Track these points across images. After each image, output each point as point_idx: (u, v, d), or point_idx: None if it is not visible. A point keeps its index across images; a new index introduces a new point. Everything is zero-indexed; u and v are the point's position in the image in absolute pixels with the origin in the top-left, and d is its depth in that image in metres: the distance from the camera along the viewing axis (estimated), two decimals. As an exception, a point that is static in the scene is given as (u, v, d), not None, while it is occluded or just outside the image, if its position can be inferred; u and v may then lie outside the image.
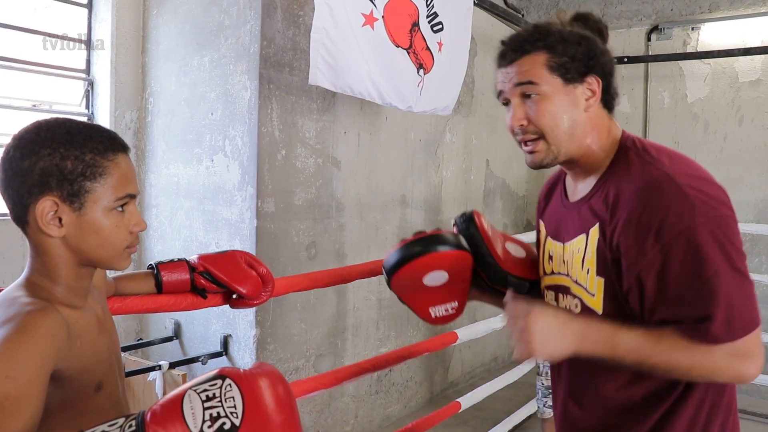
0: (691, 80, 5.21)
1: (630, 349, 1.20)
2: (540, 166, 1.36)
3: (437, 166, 4.58)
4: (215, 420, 0.77)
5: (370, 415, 4.03)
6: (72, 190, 1.04)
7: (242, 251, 1.61)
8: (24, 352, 0.90)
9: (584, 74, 1.30)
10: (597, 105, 1.33)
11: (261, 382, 0.84)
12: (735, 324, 1.16)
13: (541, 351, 1.21)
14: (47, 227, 1.04)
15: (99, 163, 1.06)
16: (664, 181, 1.21)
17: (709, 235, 1.16)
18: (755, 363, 1.19)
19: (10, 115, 3.21)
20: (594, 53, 1.31)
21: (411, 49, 3.09)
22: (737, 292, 1.17)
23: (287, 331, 3.38)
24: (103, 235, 1.08)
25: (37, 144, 1.03)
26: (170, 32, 3.52)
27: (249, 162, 3.18)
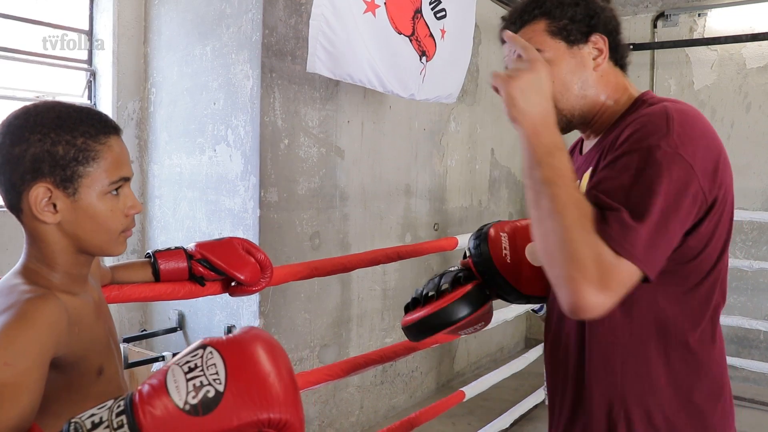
0: (697, 67, 5.16)
1: (555, 166, 1.12)
2: None
3: (442, 156, 4.55)
4: (199, 389, 0.76)
5: (375, 405, 4.03)
6: (65, 176, 1.03)
7: (240, 238, 1.60)
8: (23, 340, 0.90)
9: (588, 34, 1.29)
10: (607, 63, 1.31)
11: (243, 345, 0.82)
12: (637, 243, 1.06)
13: (514, 94, 1.15)
14: (42, 214, 1.03)
15: (91, 147, 1.05)
16: (656, 109, 1.17)
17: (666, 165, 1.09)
18: (605, 294, 1.04)
19: (14, 106, 3.20)
20: (594, 11, 1.30)
21: (413, 36, 3.06)
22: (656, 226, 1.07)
23: (291, 321, 3.37)
24: (98, 219, 1.06)
25: (27, 130, 1.02)
26: (172, 22, 3.50)
27: (252, 152, 3.17)
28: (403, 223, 4.16)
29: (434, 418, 2.75)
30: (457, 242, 2.76)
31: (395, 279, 4.11)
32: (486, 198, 5.14)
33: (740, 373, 4.93)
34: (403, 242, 4.13)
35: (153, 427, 0.74)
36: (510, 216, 5.50)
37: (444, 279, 1.42)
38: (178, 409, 0.75)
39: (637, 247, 1.06)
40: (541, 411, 4.12)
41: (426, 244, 2.74)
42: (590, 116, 1.33)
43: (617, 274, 1.05)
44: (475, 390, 3.19)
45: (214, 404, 0.76)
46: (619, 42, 1.33)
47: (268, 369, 0.81)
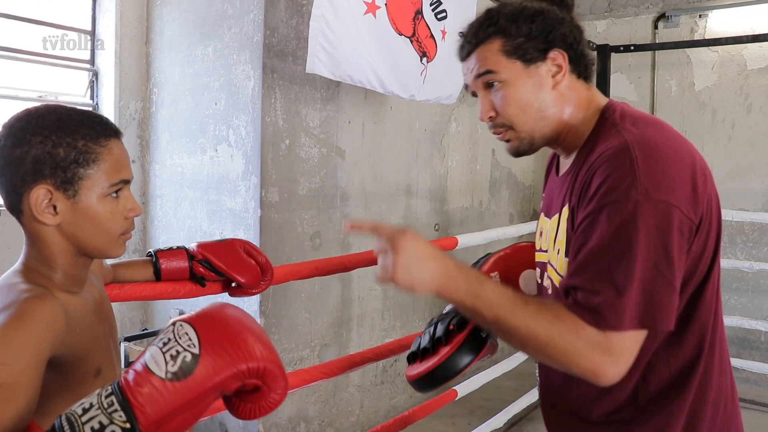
0: (698, 68, 5.17)
1: (491, 303, 1.11)
2: (518, 154, 1.32)
3: (442, 156, 4.56)
4: (176, 357, 0.79)
5: (375, 405, 4.04)
6: (65, 178, 1.04)
7: (241, 240, 1.61)
8: (20, 339, 0.90)
9: (545, 50, 1.24)
10: (568, 78, 1.26)
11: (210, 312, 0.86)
12: (626, 312, 1.05)
13: (402, 277, 1.13)
14: (42, 215, 1.04)
15: (91, 149, 1.06)
16: (617, 148, 1.12)
17: (636, 215, 1.06)
18: (617, 365, 1.07)
19: (17, 106, 3.22)
20: (551, 26, 1.24)
21: (414, 37, 3.07)
22: (643, 280, 1.06)
23: (292, 321, 3.38)
24: (98, 221, 1.07)
25: (28, 132, 1.03)
26: (174, 22, 3.52)
27: (253, 152, 3.18)
28: (403, 223, 4.17)
29: (429, 415, 2.75)
30: (457, 242, 2.77)
31: (396, 279, 4.12)
32: (487, 198, 5.15)
33: (741, 374, 4.93)
34: (403, 242, 4.13)
35: (142, 401, 0.77)
36: (510, 217, 5.51)
37: (438, 329, 1.38)
38: (161, 380, 0.78)
39: (630, 315, 1.05)
40: (539, 411, 4.13)
41: (426, 243, 2.74)
42: (554, 136, 1.29)
43: (622, 347, 1.06)
44: (467, 389, 3.20)
45: (194, 366, 0.79)
46: (582, 53, 1.28)
47: (239, 327, 0.84)
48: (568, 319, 1.08)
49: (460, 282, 1.13)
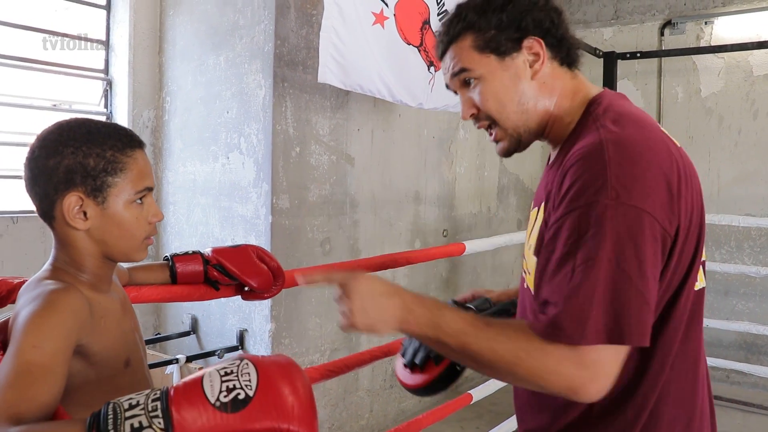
0: (704, 75, 5.20)
1: (453, 331, 1.06)
2: (508, 153, 1.27)
3: (451, 163, 4.61)
4: (231, 391, 0.83)
5: (384, 409, 4.08)
6: (95, 185, 1.12)
7: (254, 245, 1.67)
8: (49, 325, 0.99)
9: (519, 40, 1.17)
10: (549, 66, 1.19)
11: (276, 364, 0.89)
12: (588, 325, 0.97)
13: (361, 320, 1.11)
14: (74, 221, 1.12)
15: (119, 159, 1.14)
16: (592, 148, 1.06)
17: (606, 221, 0.99)
18: (597, 380, 0.99)
19: (32, 114, 3.29)
20: (523, 13, 1.16)
21: (422, 46, 3.12)
22: (612, 290, 0.98)
23: (302, 325, 3.43)
24: (124, 226, 1.16)
25: (61, 144, 1.11)
26: (186, 32, 3.59)
27: (264, 159, 3.24)
28: (412, 229, 4.22)
29: (442, 420, 2.80)
30: (464, 248, 2.82)
31: (404, 284, 4.15)
32: (495, 204, 5.19)
33: (749, 380, 4.94)
34: (412, 248, 4.18)
35: (185, 416, 0.81)
36: (518, 222, 5.54)
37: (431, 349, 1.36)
38: (209, 404, 0.82)
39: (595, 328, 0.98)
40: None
41: (434, 249, 2.80)
42: (540, 129, 1.23)
43: (596, 361, 0.99)
44: (482, 393, 3.23)
45: (242, 406, 0.82)
46: (562, 37, 1.20)
47: (295, 388, 0.87)
48: (533, 336, 1.02)
49: (419, 314, 1.09)
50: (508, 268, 5.45)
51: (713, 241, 5.14)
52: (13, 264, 2.93)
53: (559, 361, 0.99)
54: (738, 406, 4.57)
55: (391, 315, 1.10)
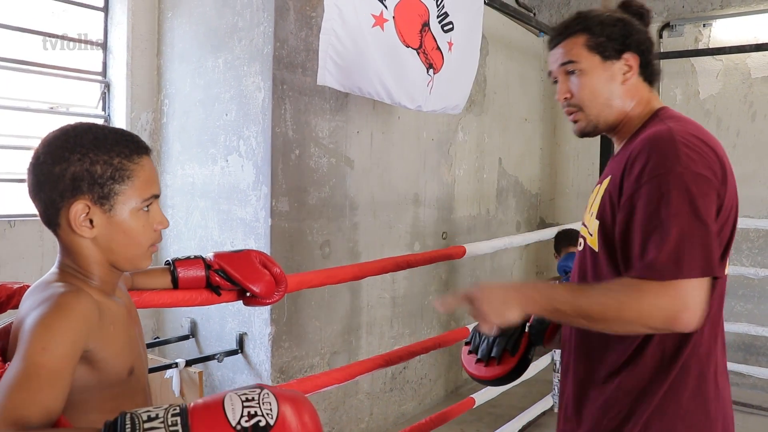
0: (703, 77, 5.21)
1: (565, 301, 1.31)
2: (583, 134, 1.54)
3: (450, 165, 4.61)
4: (252, 417, 0.85)
5: (384, 412, 4.07)
6: (102, 193, 1.11)
7: (257, 251, 1.66)
8: (58, 328, 0.98)
9: (621, 51, 1.47)
10: (636, 78, 1.49)
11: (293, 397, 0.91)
12: (682, 262, 1.22)
13: (496, 319, 1.34)
14: (80, 228, 1.11)
15: (126, 166, 1.13)
16: (662, 133, 1.34)
17: (682, 184, 1.25)
18: (690, 311, 1.22)
19: (29, 117, 3.28)
20: (630, 33, 1.48)
21: (421, 49, 3.11)
22: (693, 235, 1.23)
23: (302, 328, 3.42)
24: (131, 234, 1.15)
25: (67, 150, 1.10)
26: (185, 34, 3.57)
27: (263, 162, 3.23)
28: (411, 231, 4.21)
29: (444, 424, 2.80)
30: (465, 250, 2.81)
31: (404, 287, 4.16)
32: (494, 207, 5.18)
33: (747, 380, 4.94)
34: (411, 251, 4.18)
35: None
36: (518, 225, 5.54)
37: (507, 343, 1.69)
38: (229, 426, 0.84)
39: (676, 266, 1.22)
40: (549, 418, 4.15)
41: (435, 252, 2.79)
42: (615, 124, 1.51)
43: (687, 292, 1.22)
44: (485, 397, 3.23)
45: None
46: (651, 61, 1.51)
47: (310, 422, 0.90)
48: (632, 282, 1.26)
49: (536, 297, 1.34)
50: (507, 271, 5.45)
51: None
52: (10, 268, 2.91)
53: (658, 297, 1.23)
54: (737, 407, 4.56)
55: (516, 306, 1.33)
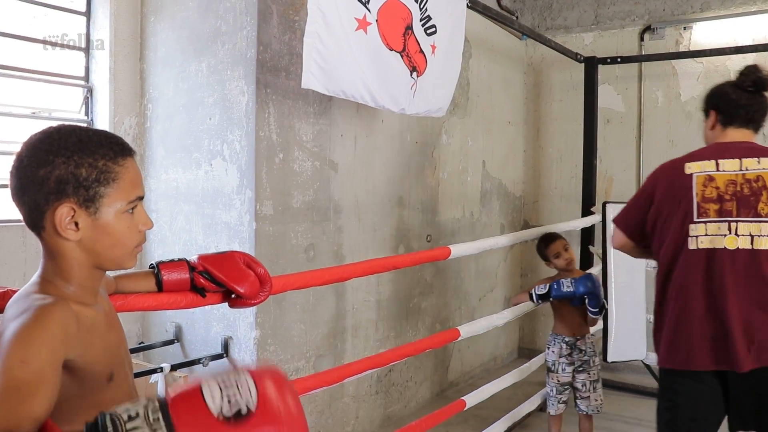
0: (684, 79, 5.26)
1: None
2: None
3: (434, 168, 4.62)
4: (233, 404, 0.86)
5: (370, 415, 4.07)
6: (88, 196, 1.10)
7: (241, 252, 1.66)
8: (37, 341, 0.97)
9: (708, 110, 2.44)
10: (718, 124, 2.39)
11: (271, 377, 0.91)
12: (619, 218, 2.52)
13: None
14: (65, 231, 1.10)
15: (111, 168, 1.13)
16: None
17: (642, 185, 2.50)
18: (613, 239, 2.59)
19: (10, 122, 3.25)
20: (714, 98, 2.42)
21: (404, 52, 3.12)
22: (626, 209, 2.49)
23: (287, 332, 3.41)
24: (116, 236, 1.14)
25: (51, 153, 1.09)
26: (168, 39, 3.57)
27: (247, 166, 3.22)
28: (396, 234, 4.22)
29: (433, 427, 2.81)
30: (450, 252, 2.82)
31: (389, 290, 4.16)
32: (478, 209, 5.21)
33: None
34: (396, 253, 4.18)
35: (186, 426, 0.84)
36: (501, 227, 5.57)
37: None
38: (212, 416, 0.85)
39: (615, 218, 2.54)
40: (534, 419, 4.17)
41: (420, 253, 2.80)
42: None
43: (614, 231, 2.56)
44: (476, 399, 3.24)
45: (245, 418, 0.86)
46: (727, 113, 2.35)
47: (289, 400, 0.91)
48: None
49: None
50: (492, 273, 5.47)
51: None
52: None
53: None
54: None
55: None
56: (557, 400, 3.57)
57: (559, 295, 3.36)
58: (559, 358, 3.55)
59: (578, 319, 3.55)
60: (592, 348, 3.61)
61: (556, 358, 3.56)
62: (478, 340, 5.23)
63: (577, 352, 3.55)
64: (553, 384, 3.57)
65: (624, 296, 4.55)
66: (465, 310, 5.04)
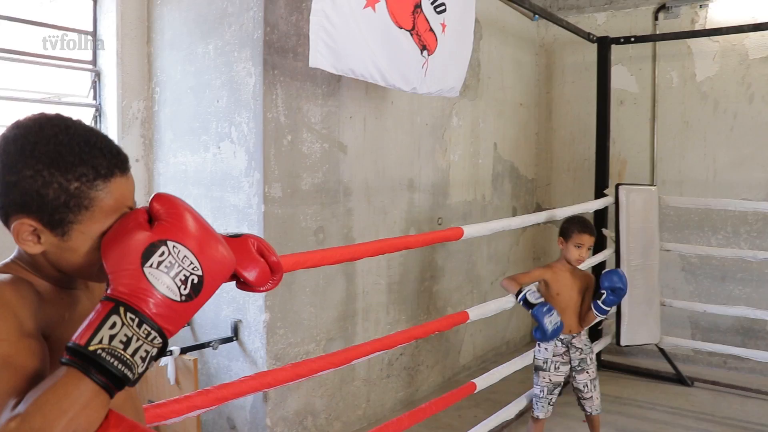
0: (699, 58, 5.17)
1: None
2: None
3: (444, 150, 4.58)
4: (186, 281, 0.94)
5: (381, 398, 4.06)
6: (53, 220, 0.97)
7: (255, 236, 1.61)
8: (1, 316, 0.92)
9: None
10: None
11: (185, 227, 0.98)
12: None
13: None
14: (23, 244, 0.98)
15: (85, 194, 0.97)
16: None
17: None
18: None
19: (21, 107, 3.24)
20: None
21: (414, 30, 3.08)
22: None
23: (297, 315, 3.40)
24: (87, 261, 1.01)
25: (21, 161, 0.95)
26: (175, 21, 3.53)
27: (255, 148, 3.20)
28: (406, 217, 4.18)
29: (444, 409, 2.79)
30: (462, 232, 2.78)
31: (400, 273, 4.14)
32: (489, 192, 5.16)
33: (746, 364, 4.93)
34: (407, 237, 4.15)
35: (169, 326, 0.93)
36: (513, 210, 5.52)
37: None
38: (178, 303, 0.93)
39: None
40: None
41: (432, 234, 2.77)
42: None
43: None
44: (486, 382, 3.22)
45: (200, 285, 0.95)
46: None
47: (217, 239, 1.02)
48: None
49: None
50: (504, 256, 5.43)
51: (710, 226, 5.13)
52: None
53: None
54: (736, 391, 4.56)
55: None
56: (547, 402, 3.29)
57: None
58: (552, 356, 3.26)
59: (576, 315, 3.30)
60: (588, 345, 3.36)
61: (549, 356, 3.27)
62: (490, 324, 5.20)
63: (574, 350, 3.28)
64: (544, 384, 3.28)
65: (637, 279, 4.51)
66: (477, 294, 5.01)
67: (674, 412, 4.21)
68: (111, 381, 0.87)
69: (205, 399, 1.70)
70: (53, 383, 0.85)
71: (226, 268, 1.02)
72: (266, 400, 3.27)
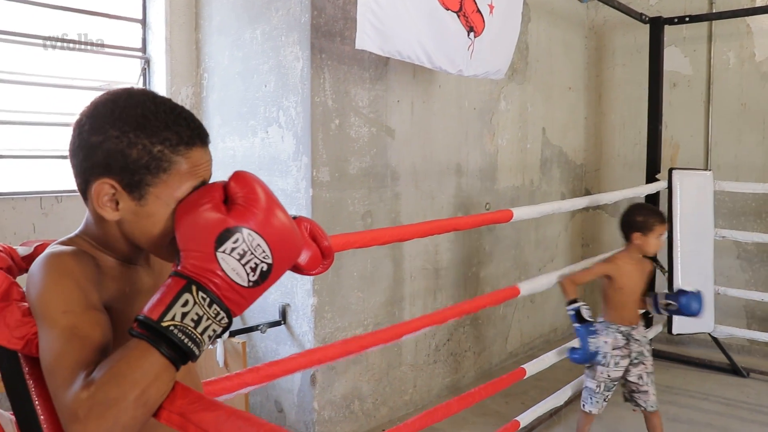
0: (760, 37, 4.98)
1: None
2: None
3: (492, 135, 4.52)
4: (255, 269, 0.95)
5: (428, 384, 4.04)
6: (132, 181, 0.99)
7: (309, 219, 1.60)
8: (63, 287, 0.95)
9: None
10: None
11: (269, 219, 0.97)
12: None
13: None
14: (102, 209, 1.01)
15: (167, 157, 1.00)
16: None
17: None
18: None
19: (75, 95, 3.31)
20: None
21: (461, 11, 3.03)
22: None
23: (345, 300, 3.40)
24: (161, 229, 1.03)
25: (108, 122, 0.99)
26: (222, 7, 3.55)
27: (303, 132, 3.20)
28: (454, 202, 4.15)
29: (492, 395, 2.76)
30: (512, 215, 2.74)
31: (447, 258, 4.11)
32: (538, 177, 5.08)
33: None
34: (454, 222, 4.12)
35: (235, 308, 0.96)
36: (562, 195, 5.43)
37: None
38: (245, 288, 0.95)
39: None
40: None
41: (481, 216, 2.73)
42: None
43: None
44: (536, 367, 3.17)
45: (269, 273, 0.97)
46: None
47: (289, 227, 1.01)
48: None
49: None
50: (552, 242, 5.35)
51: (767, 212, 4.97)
52: (58, 241, 2.96)
53: None
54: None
55: None
56: (603, 398, 3.18)
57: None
58: (612, 350, 3.13)
59: (636, 306, 3.20)
60: (645, 337, 3.24)
61: (608, 350, 3.13)
62: (538, 310, 5.13)
63: (633, 342, 3.15)
64: (602, 379, 3.15)
65: (690, 265, 4.40)
66: (526, 267, 4.95)
67: (728, 403, 4.10)
68: (178, 355, 0.89)
69: (256, 376, 1.71)
70: (124, 354, 0.87)
71: (294, 258, 1.05)
72: (314, 383, 3.29)
